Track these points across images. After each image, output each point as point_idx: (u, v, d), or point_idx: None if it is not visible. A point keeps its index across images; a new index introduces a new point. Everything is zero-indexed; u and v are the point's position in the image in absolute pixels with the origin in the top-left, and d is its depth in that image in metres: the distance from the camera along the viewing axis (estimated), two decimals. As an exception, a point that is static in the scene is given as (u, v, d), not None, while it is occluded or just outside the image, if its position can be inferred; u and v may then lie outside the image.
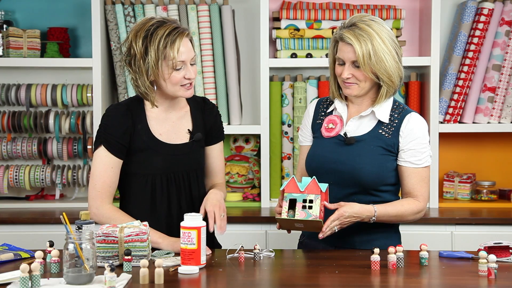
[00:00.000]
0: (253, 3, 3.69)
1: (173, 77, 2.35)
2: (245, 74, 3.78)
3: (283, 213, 2.27)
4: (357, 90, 2.40)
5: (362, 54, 2.33)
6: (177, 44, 2.33)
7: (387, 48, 2.35)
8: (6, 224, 3.28)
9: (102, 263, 2.14)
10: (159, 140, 2.44)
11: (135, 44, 2.34)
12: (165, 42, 2.31)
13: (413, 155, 2.40)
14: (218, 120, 2.58)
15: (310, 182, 2.27)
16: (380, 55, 2.34)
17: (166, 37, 2.32)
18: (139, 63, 2.34)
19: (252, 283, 2.04)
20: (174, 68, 2.34)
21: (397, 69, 2.38)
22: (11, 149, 3.63)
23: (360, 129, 2.44)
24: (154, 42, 2.31)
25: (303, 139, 2.58)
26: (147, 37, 2.33)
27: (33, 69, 3.73)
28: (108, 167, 2.40)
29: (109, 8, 3.57)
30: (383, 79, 2.36)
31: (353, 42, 2.33)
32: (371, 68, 2.35)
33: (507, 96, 3.55)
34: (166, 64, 2.34)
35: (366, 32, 2.34)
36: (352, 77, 2.38)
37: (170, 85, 2.37)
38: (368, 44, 2.33)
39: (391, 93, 2.42)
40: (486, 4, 3.53)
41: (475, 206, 3.53)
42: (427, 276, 2.11)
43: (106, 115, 2.45)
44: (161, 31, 2.33)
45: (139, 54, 2.33)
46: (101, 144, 2.40)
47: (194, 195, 2.50)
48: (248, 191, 3.65)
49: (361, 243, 2.42)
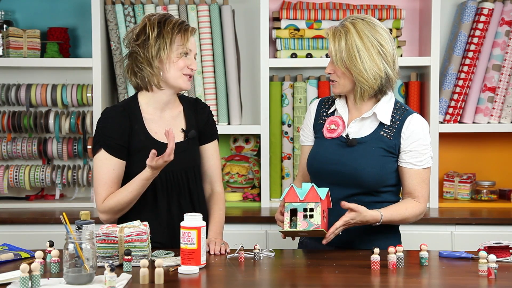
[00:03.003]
0: (253, 3, 3.69)
1: (180, 62, 2.43)
2: (245, 74, 3.78)
3: (285, 225, 2.27)
4: (339, 88, 2.42)
5: (335, 50, 2.37)
6: (189, 33, 2.45)
7: (363, 46, 2.35)
8: (6, 224, 3.28)
9: (102, 263, 2.14)
10: (156, 140, 2.44)
11: (149, 27, 2.42)
12: (178, 28, 2.43)
13: (414, 157, 2.40)
14: (210, 119, 2.61)
15: (309, 190, 2.26)
16: (353, 52, 2.34)
17: (179, 25, 2.44)
18: (150, 44, 2.41)
19: (252, 283, 2.04)
20: (183, 54, 2.43)
21: (374, 68, 2.36)
22: (11, 149, 3.63)
23: (362, 131, 2.44)
24: (168, 26, 2.42)
25: (305, 139, 2.58)
26: (161, 22, 2.43)
27: (33, 69, 3.73)
28: (109, 169, 2.40)
29: (109, 8, 3.57)
30: (356, 77, 2.37)
31: (330, 38, 2.38)
32: (345, 64, 2.36)
33: (507, 96, 3.55)
34: (176, 48, 2.43)
35: (345, 29, 2.37)
36: (333, 74, 2.41)
37: (174, 71, 2.43)
38: (342, 41, 2.36)
39: (370, 93, 2.40)
40: (486, 4, 3.53)
41: (475, 206, 3.53)
42: (427, 276, 2.11)
43: (102, 117, 2.45)
44: (173, 20, 2.46)
45: (153, 36, 2.41)
46: (101, 148, 2.40)
47: (193, 193, 2.51)
48: (248, 191, 3.65)
49: (361, 243, 2.42)
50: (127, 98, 2.53)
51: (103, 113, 2.47)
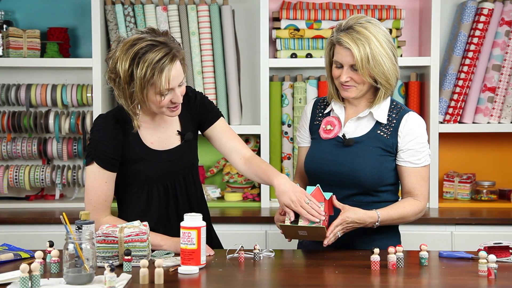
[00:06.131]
0: (253, 3, 3.69)
1: (158, 102, 2.27)
2: (245, 74, 3.78)
3: (286, 220, 2.27)
4: (355, 92, 2.40)
5: (361, 58, 2.32)
6: (166, 72, 2.22)
7: (384, 50, 2.34)
8: (6, 224, 3.28)
9: (102, 263, 2.14)
10: (152, 149, 2.41)
11: (121, 65, 2.22)
12: (152, 71, 2.20)
13: (412, 155, 2.40)
14: (205, 103, 2.50)
15: (315, 189, 2.27)
16: (378, 59, 2.33)
17: (154, 65, 2.20)
18: (123, 86, 2.25)
19: (252, 283, 2.04)
20: (161, 94, 2.26)
21: (394, 71, 2.38)
22: (11, 149, 3.63)
23: (358, 130, 2.44)
24: (142, 69, 2.20)
25: (301, 140, 2.58)
26: (134, 61, 2.21)
27: (33, 69, 3.73)
28: (102, 182, 2.37)
29: (109, 8, 3.57)
30: (381, 82, 2.36)
31: (351, 46, 2.32)
32: (369, 72, 2.34)
33: (507, 96, 3.56)
34: (153, 91, 2.25)
35: (363, 36, 2.32)
36: (351, 80, 2.38)
37: (155, 108, 2.31)
38: (366, 48, 2.31)
39: (389, 94, 2.42)
40: (486, 4, 3.53)
41: (475, 206, 3.53)
42: (427, 276, 2.11)
43: (95, 129, 2.38)
44: (150, 56, 2.21)
45: (124, 77, 2.23)
46: (93, 161, 2.36)
47: (191, 196, 2.49)
48: (248, 191, 3.65)
49: (361, 243, 2.42)
50: (120, 104, 2.36)
51: (96, 123, 2.39)
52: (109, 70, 2.30)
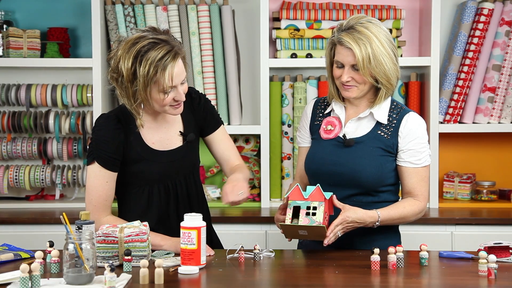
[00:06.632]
0: (253, 3, 3.69)
1: (161, 100, 2.28)
2: (245, 74, 3.78)
3: (286, 220, 2.27)
4: (356, 92, 2.40)
5: (362, 58, 2.32)
6: (169, 70, 2.23)
7: (385, 50, 2.34)
8: (6, 224, 3.28)
9: (102, 263, 2.14)
10: (154, 149, 2.41)
11: (123, 63, 2.23)
12: (155, 68, 2.21)
13: (413, 155, 2.40)
14: (209, 109, 2.51)
15: (315, 189, 2.27)
16: (379, 59, 2.33)
17: (157, 62, 2.21)
18: (126, 85, 2.26)
19: (252, 283, 2.04)
20: (164, 92, 2.27)
21: (395, 71, 2.38)
22: (11, 149, 3.63)
23: (359, 131, 2.44)
24: (144, 67, 2.21)
25: (302, 140, 2.58)
26: (137, 59, 2.22)
27: (33, 69, 3.73)
28: (103, 181, 2.37)
29: (109, 8, 3.57)
30: (382, 82, 2.36)
31: (352, 46, 2.32)
32: (370, 72, 2.34)
33: (507, 96, 3.56)
34: (156, 89, 2.26)
35: (365, 36, 2.32)
36: (352, 80, 2.38)
37: (158, 106, 2.31)
38: (368, 48, 2.31)
39: (389, 94, 2.42)
40: (486, 4, 3.53)
41: (475, 206, 3.53)
42: (427, 276, 2.11)
43: (97, 129, 2.38)
44: (152, 54, 2.21)
45: (127, 76, 2.24)
46: (94, 160, 2.36)
47: (191, 197, 2.49)
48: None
49: (361, 243, 2.42)
50: (122, 104, 2.39)
51: (97, 122, 2.40)
52: (111, 69, 2.30)
